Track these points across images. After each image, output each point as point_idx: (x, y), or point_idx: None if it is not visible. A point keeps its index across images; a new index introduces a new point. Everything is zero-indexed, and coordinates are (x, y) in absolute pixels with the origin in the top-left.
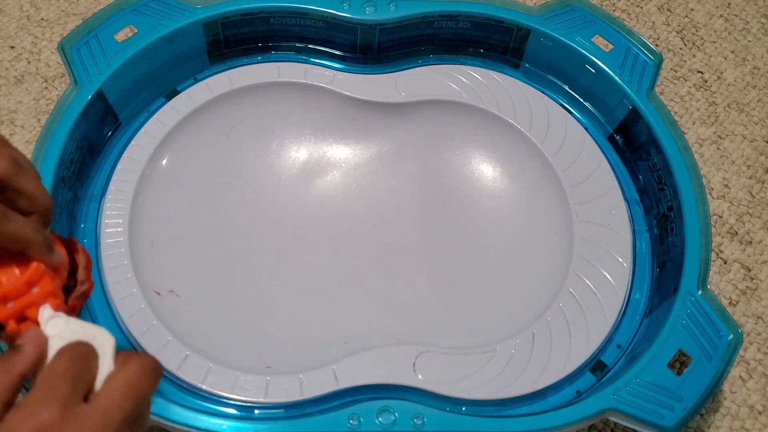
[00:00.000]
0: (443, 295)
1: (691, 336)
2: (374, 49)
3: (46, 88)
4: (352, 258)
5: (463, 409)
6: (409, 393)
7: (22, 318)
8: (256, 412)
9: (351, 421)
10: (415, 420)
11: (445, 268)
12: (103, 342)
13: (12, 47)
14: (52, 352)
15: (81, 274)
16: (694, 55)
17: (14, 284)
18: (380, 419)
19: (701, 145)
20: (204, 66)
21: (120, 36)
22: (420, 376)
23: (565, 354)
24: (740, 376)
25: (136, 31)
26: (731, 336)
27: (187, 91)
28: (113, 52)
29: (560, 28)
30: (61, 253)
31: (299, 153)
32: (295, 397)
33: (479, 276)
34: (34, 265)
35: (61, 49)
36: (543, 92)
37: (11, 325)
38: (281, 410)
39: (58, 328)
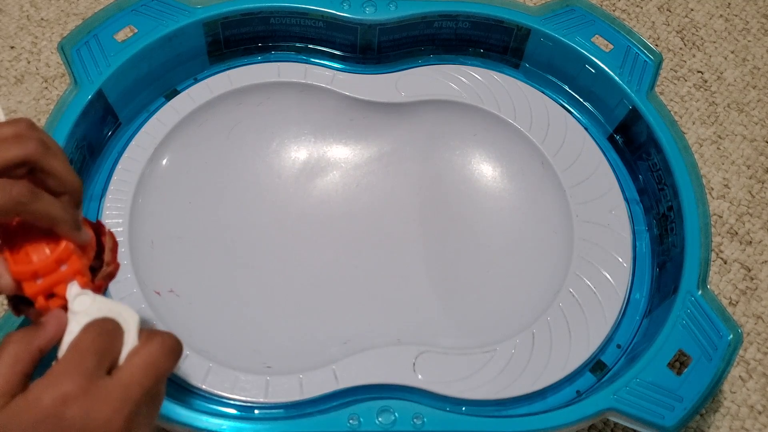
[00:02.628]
0: (443, 295)
1: (691, 336)
2: (374, 49)
3: (46, 88)
4: (352, 258)
5: (463, 409)
6: (409, 393)
7: (50, 295)
8: (256, 412)
9: (351, 421)
10: (415, 420)
11: (445, 268)
12: (128, 319)
13: (12, 47)
14: (78, 328)
15: (107, 256)
16: (694, 55)
17: (44, 262)
18: (380, 419)
19: (701, 145)
20: (204, 66)
21: (120, 36)
22: (420, 376)
23: (565, 354)
24: (740, 376)
25: (136, 31)
26: (731, 336)
27: (187, 91)
28: (113, 52)
29: (560, 28)
30: (88, 232)
31: (299, 153)
32: (295, 397)
33: (479, 276)
34: (64, 244)
35: (61, 49)
36: (543, 92)
37: (40, 301)
38: (281, 410)
39: (85, 305)
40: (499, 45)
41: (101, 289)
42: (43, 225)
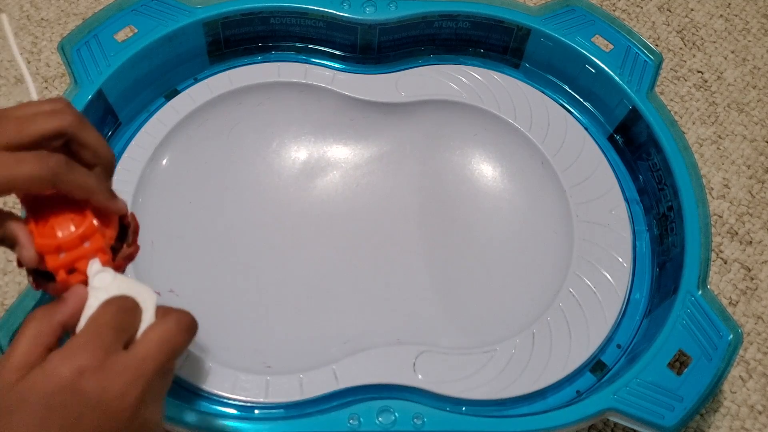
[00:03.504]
0: (443, 295)
1: (691, 336)
2: (374, 49)
3: (46, 88)
4: (352, 258)
5: (463, 409)
6: (409, 393)
7: (71, 270)
8: (256, 412)
9: (351, 421)
10: (415, 420)
11: (445, 268)
12: (147, 298)
13: None
14: (97, 304)
15: (129, 237)
16: (694, 55)
17: (69, 237)
18: (380, 419)
19: (701, 145)
20: (204, 66)
21: (120, 36)
22: (420, 376)
23: (565, 354)
24: (740, 376)
25: (136, 31)
26: (731, 336)
27: (187, 91)
28: (113, 52)
29: (560, 28)
30: (122, 200)
31: (299, 153)
32: (295, 397)
33: (479, 276)
34: (88, 221)
35: (61, 49)
36: (543, 92)
37: (61, 275)
38: (281, 410)
39: (105, 282)
40: (499, 45)
41: (120, 270)
42: (78, 195)
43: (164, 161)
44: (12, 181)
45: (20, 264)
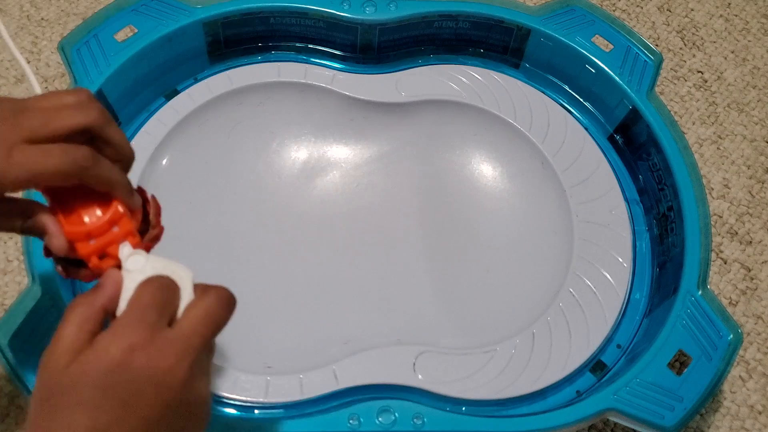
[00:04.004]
0: (443, 295)
1: (691, 336)
2: (374, 49)
3: (47, 87)
4: (353, 258)
5: (463, 409)
6: (409, 393)
7: (102, 255)
8: (256, 412)
9: (351, 421)
10: (415, 420)
11: (445, 268)
12: (183, 275)
13: None
14: (134, 285)
15: (153, 219)
16: (694, 55)
17: (98, 223)
18: (380, 419)
19: (701, 145)
20: (204, 66)
21: (120, 36)
22: (420, 376)
23: (565, 354)
24: (740, 376)
25: (136, 30)
26: (731, 336)
27: (187, 91)
28: (113, 52)
29: (560, 28)
30: (139, 196)
31: (299, 153)
32: (295, 397)
33: (479, 276)
34: (115, 206)
35: (61, 48)
36: (543, 92)
37: (93, 261)
38: (281, 410)
39: (139, 264)
40: (500, 45)
41: (148, 251)
42: (101, 189)
43: (164, 161)
44: (40, 174)
45: (48, 253)
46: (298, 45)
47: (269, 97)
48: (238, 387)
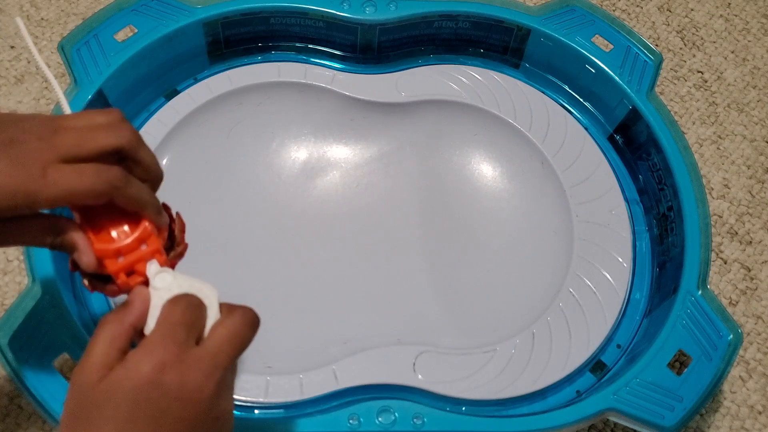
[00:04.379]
0: (443, 295)
1: (691, 336)
2: (374, 49)
3: (46, 87)
4: (352, 258)
5: (463, 409)
6: (409, 393)
7: (130, 272)
8: (256, 412)
9: (351, 421)
10: (415, 420)
11: (445, 268)
12: (209, 294)
13: (12, 47)
14: (161, 303)
15: (178, 237)
16: (694, 55)
17: (126, 241)
18: (380, 419)
19: (701, 145)
20: (204, 66)
21: (120, 36)
22: (420, 376)
23: (565, 354)
24: (740, 376)
25: (136, 30)
26: (731, 336)
27: (187, 91)
28: (113, 52)
29: (560, 28)
30: (166, 215)
31: (299, 153)
32: (295, 397)
33: (479, 276)
34: (144, 224)
35: (61, 48)
36: (543, 92)
37: (122, 278)
38: (281, 410)
39: (167, 282)
40: (499, 45)
41: (173, 268)
42: (131, 208)
43: (164, 161)
44: (73, 193)
45: (74, 268)
46: (298, 45)
47: (269, 97)
48: (238, 387)
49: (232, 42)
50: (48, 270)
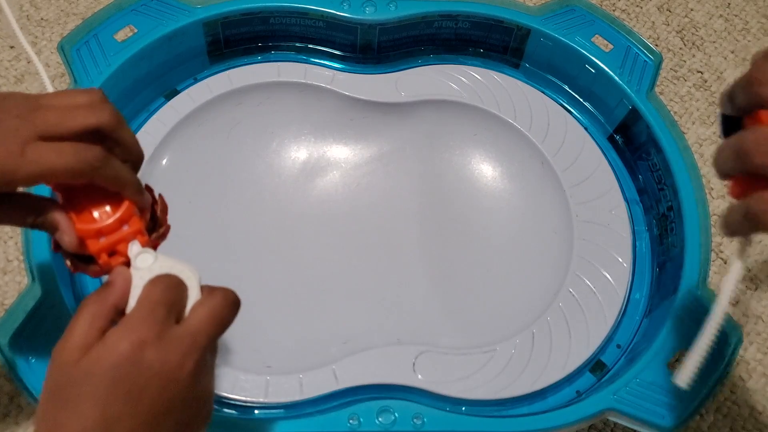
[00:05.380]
0: (443, 295)
1: (691, 336)
2: (374, 48)
3: (46, 87)
4: (352, 258)
5: (463, 409)
6: (409, 393)
7: (112, 253)
8: (256, 412)
9: (351, 421)
10: (414, 420)
11: (445, 268)
12: (190, 275)
13: (12, 47)
14: (142, 283)
15: (161, 218)
16: (694, 55)
17: (108, 221)
18: (380, 419)
19: (701, 145)
20: (204, 66)
21: (120, 36)
22: (420, 376)
23: (565, 354)
24: (740, 376)
25: (136, 30)
26: (731, 336)
27: (187, 91)
28: (113, 52)
29: (560, 28)
30: (148, 195)
31: (299, 153)
32: (295, 397)
33: (479, 276)
34: (125, 205)
35: (61, 48)
36: (543, 92)
37: (103, 258)
38: (281, 410)
39: (148, 262)
40: (499, 45)
41: (155, 249)
42: (112, 188)
43: (164, 161)
44: (52, 171)
45: (56, 248)
46: (297, 45)
47: (269, 97)
48: (238, 387)
49: (232, 42)
50: (48, 270)
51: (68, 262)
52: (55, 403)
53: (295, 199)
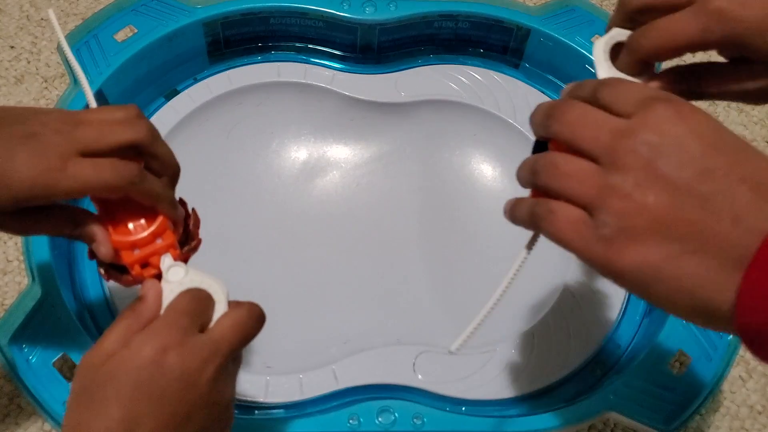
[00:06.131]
0: (443, 295)
1: (690, 336)
2: (374, 49)
3: (46, 88)
4: (352, 258)
5: (463, 409)
6: (409, 393)
7: (144, 265)
8: (256, 412)
9: (351, 421)
10: (414, 420)
11: (445, 268)
12: (218, 290)
13: (12, 47)
14: (173, 296)
15: (192, 232)
16: (694, 55)
17: (143, 235)
18: (380, 419)
19: None
20: (204, 66)
21: (120, 36)
22: (420, 376)
23: (564, 354)
24: (740, 376)
25: (136, 31)
26: (731, 336)
27: (186, 91)
28: (113, 52)
29: (560, 28)
30: (181, 209)
31: (299, 153)
32: (295, 397)
33: (479, 275)
34: (160, 219)
35: (61, 49)
36: (543, 92)
37: (136, 269)
38: (281, 410)
39: (179, 276)
40: (499, 45)
41: (186, 261)
42: (146, 203)
43: None
44: (91, 187)
45: (92, 256)
46: (297, 45)
47: (269, 98)
48: (238, 387)
49: (232, 42)
50: (48, 270)
51: (102, 271)
52: (81, 404)
53: (295, 199)
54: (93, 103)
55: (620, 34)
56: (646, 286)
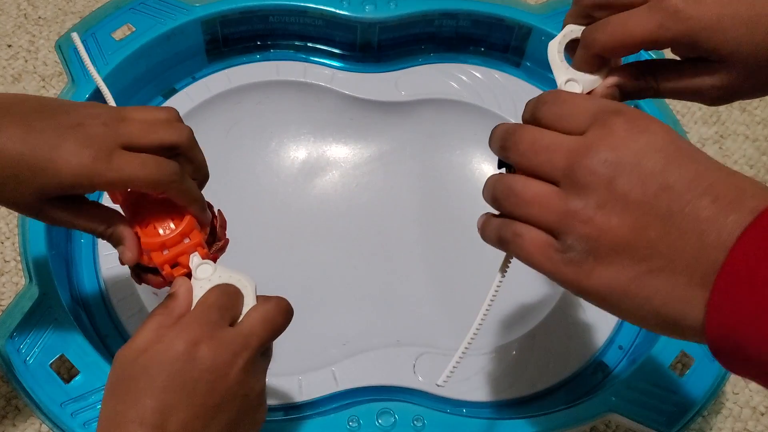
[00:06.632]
0: (443, 296)
1: None
2: (374, 47)
3: (44, 86)
4: (352, 258)
5: (464, 410)
6: (409, 395)
7: (174, 264)
8: None
9: (350, 423)
10: (415, 422)
11: (445, 268)
12: (246, 285)
13: (9, 45)
14: (202, 293)
15: (219, 232)
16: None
17: (171, 235)
18: (380, 421)
19: (703, 145)
20: (202, 64)
21: (118, 34)
22: (420, 378)
23: (565, 356)
24: None
25: (134, 29)
26: None
27: (185, 89)
28: (111, 51)
29: (562, 26)
30: (209, 211)
31: (298, 152)
32: (295, 398)
33: (479, 276)
34: (188, 219)
35: (59, 47)
36: (544, 91)
37: (166, 269)
38: (280, 412)
39: (207, 273)
40: (500, 43)
41: (215, 261)
42: (181, 202)
43: None
44: (133, 180)
45: (123, 261)
46: (297, 43)
47: (268, 96)
48: None
49: (231, 40)
50: (45, 271)
51: (134, 275)
52: (115, 396)
53: (294, 198)
54: (113, 105)
55: (575, 30)
56: (616, 304)
